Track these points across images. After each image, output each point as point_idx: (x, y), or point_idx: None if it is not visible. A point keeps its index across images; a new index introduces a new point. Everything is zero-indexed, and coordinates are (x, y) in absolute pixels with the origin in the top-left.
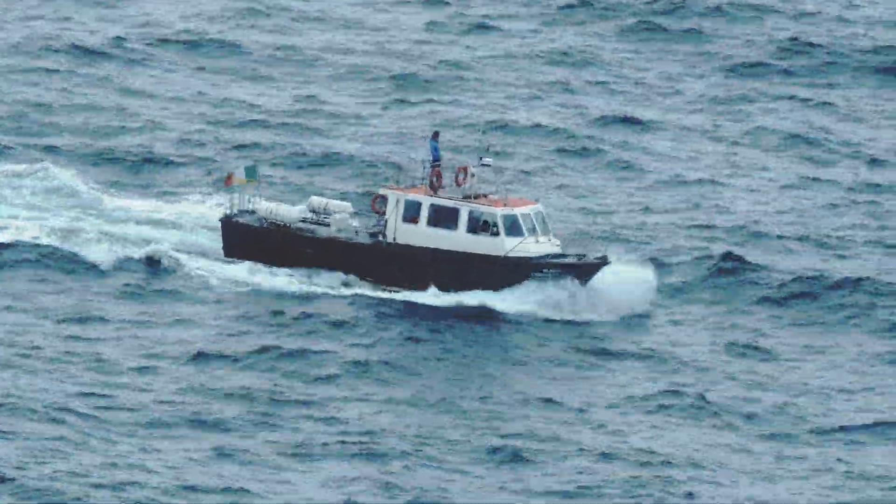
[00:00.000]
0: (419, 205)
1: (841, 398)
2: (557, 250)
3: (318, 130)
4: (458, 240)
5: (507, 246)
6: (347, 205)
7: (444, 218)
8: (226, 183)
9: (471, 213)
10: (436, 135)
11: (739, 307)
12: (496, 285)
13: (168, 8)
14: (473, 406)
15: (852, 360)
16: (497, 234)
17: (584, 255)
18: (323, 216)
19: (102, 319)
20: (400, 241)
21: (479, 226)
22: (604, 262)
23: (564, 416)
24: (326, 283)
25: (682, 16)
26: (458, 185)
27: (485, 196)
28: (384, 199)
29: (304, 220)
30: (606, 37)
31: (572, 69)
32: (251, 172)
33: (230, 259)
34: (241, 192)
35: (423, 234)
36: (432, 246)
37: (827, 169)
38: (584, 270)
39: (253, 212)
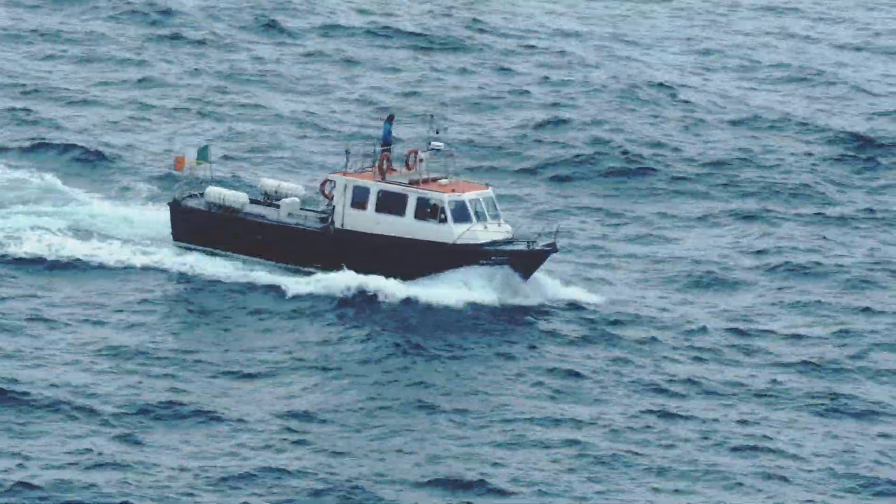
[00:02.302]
0: (367, 190)
1: None
2: (508, 236)
3: None
4: (406, 226)
5: (456, 233)
6: (299, 187)
7: (391, 204)
8: (176, 167)
9: (419, 199)
10: (391, 118)
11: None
12: (443, 273)
13: None
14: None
15: None
16: (445, 220)
17: (534, 242)
18: (274, 199)
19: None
20: (348, 226)
21: (428, 212)
22: (553, 249)
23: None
24: (271, 268)
25: None
26: (409, 168)
27: (434, 181)
28: (333, 184)
29: (253, 202)
30: None
31: None
32: (203, 153)
33: (179, 244)
34: (192, 174)
35: (371, 220)
36: (380, 232)
37: None
38: (531, 258)
39: (202, 195)
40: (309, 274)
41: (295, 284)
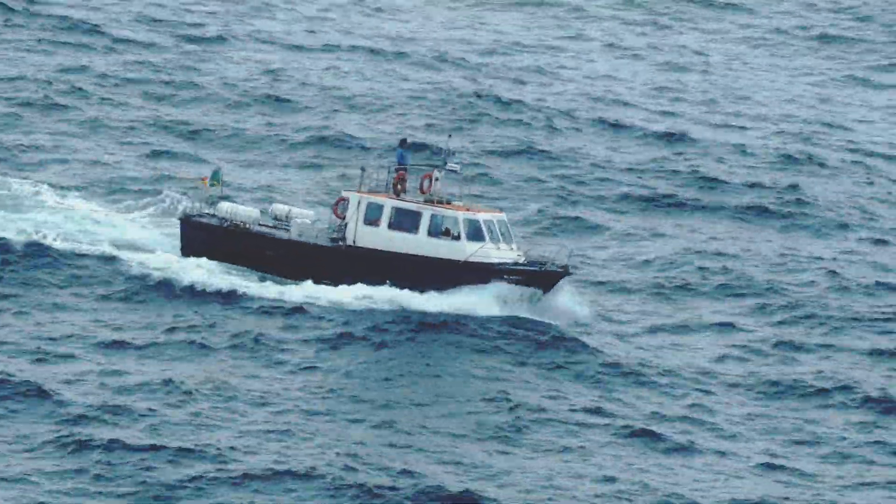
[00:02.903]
0: (381, 207)
1: None
2: (520, 259)
3: None
4: (419, 243)
5: (468, 250)
6: (310, 213)
7: (405, 221)
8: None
9: (432, 216)
10: (403, 142)
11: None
12: (455, 289)
13: None
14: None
15: None
16: (458, 237)
17: (546, 264)
18: (284, 223)
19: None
20: (360, 244)
21: (441, 229)
22: (565, 271)
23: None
24: (282, 283)
25: None
26: (423, 192)
27: (449, 202)
28: (346, 203)
29: (263, 226)
30: None
31: None
32: (215, 176)
33: (187, 258)
34: (202, 194)
35: (383, 237)
36: (393, 249)
37: None
38: (544, 279)
39: (213, 214)
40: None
41: (303, 298)
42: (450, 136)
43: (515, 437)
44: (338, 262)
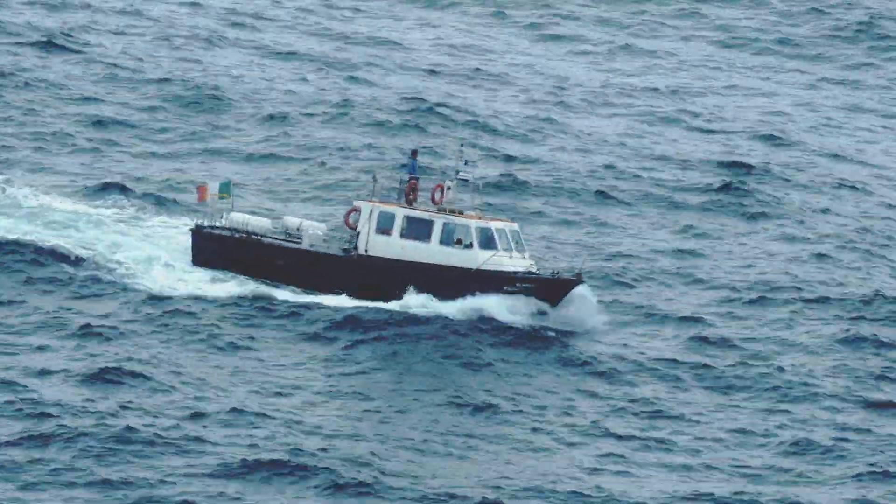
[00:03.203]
0: (393, 216)
1: None
2: (532, 269)
3: None
4: (431, 252)
5: (480, 258)
6: (322, 225)
7: (417, 230)
8: (199, 197)
9: (445, 224)
10: (414, 153)
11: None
12: (467, 297)
13: None
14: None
15: None
16: (470, 246)
17: (558, 273)
18: (296, 236)
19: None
20: (372, 253)
21: (453, 238)
22: (578, 280)
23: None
24: (294, 293)
25: None
26: (434, 203)
27: (460, 212)
28: (358, 213)
29: (275, 238)
30: None
31: None
32: (225, 188)
33: (198, 267)
34: (212, 206)
35: (396, 246)
36: (405, 258)
37: None
38: (556, 287)
39: (224, 226)
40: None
41: (316, 307)
42: (462, 145)
43: (494, 432)
44: (349, 271)
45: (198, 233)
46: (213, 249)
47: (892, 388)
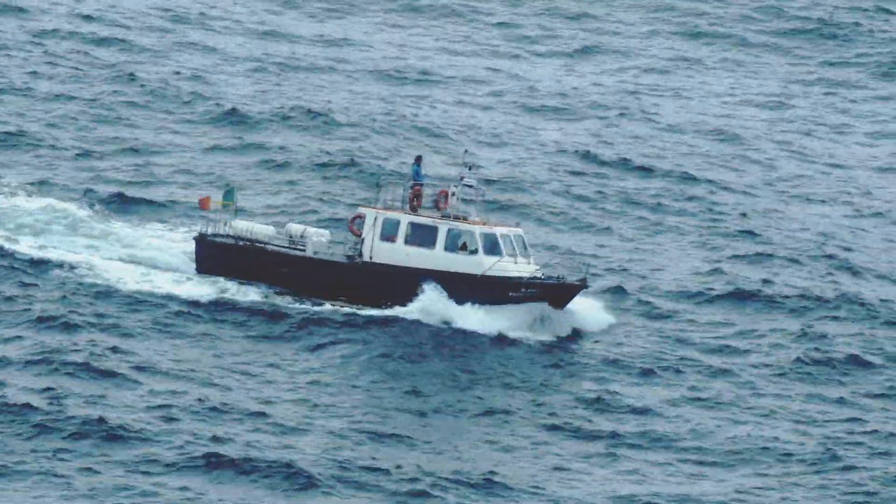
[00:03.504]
0: (397, 222)
1: None
2: (537, 274)
3: None
4: (436, 258)
5: (486, 264)
6: (326, 232)
7: (422, 236)
8: (201, 205)
9: (449, 230)
10: (418, 159)
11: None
12: (472, 303)
13: None
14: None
15: None
16: (475, 252)
17: (563, 278)
18: (300, 244)
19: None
20: (377, 259)
21: (458, 244)
22: (583, 284)
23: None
24: (299, 300)
25: None
26: (439, 209)
27: (465, 218)
28: (362, 220)
29: (279, 246)
30: None
31: None
32: (228, 196)
33: (202, 275)
34: (216, 215)
35: (400, 253)
36: (410, 265)
37: None
38: (561, 291)
39: (228, 234)
40: (335, 306)
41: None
42: (466, 151)
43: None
44: (354, 278)
45: (201, 241)
46: (216, 257)
47: (859, 385)
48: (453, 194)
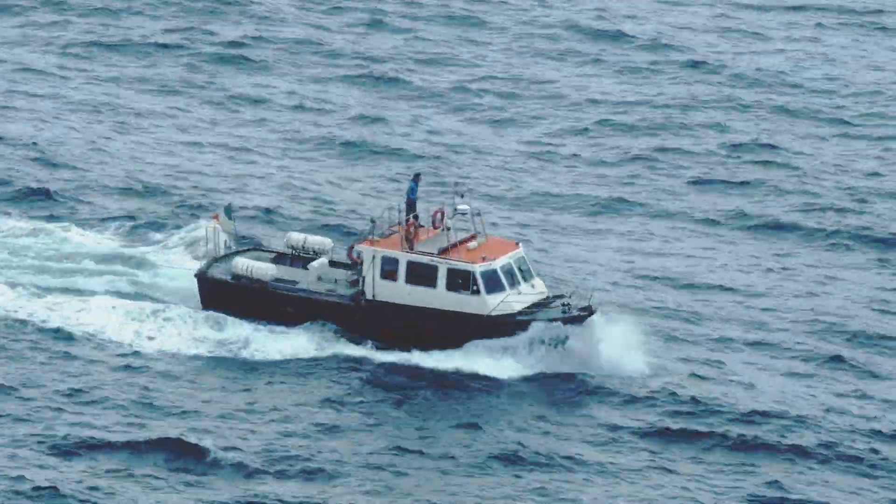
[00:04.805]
0: (396, 261)
1: None
2: (542, 296)
3: None
4: (440, 298)
5: (491, 304)
6: (327, 241)
7: (422, 275)
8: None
9: (449, 270)
10: (417, 177)
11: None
12: (479, 344)
13: None
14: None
15: None
16: (478, 292)
17: (569, 304)
18: (301, 253)
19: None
20: (380, 298)
21: (459, 283)
22: (589, 312)
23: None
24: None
25: None
26: (436, 227)
27: (463, 243)
28: (361, 252)
29: (280, 255)
30: None
31: None
32: (226, 213)
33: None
34: (215, 236)
35: (402, 292)
36: (413, 304)
37: None
38: (568, 323)
39: (228, 259)
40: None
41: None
42: (456, 183)
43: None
44: (358, 317)
45: (202, 279)
46: (219, 295)
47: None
48: (449, 228)
